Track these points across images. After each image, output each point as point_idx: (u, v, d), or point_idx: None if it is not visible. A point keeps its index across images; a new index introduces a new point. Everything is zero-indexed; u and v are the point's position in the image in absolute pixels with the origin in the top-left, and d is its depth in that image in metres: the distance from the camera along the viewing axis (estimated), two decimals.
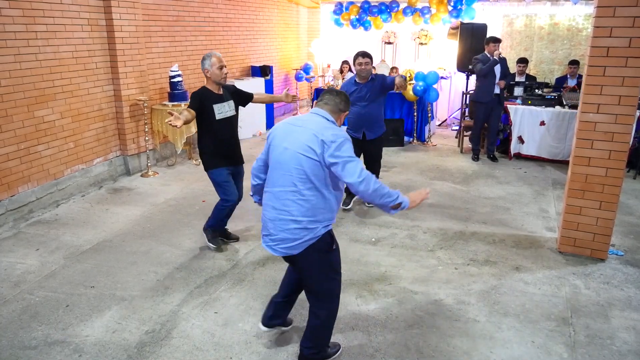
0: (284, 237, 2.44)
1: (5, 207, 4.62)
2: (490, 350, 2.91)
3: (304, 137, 2.36)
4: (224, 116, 3.85)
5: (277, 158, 2.45)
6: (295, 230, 2.41)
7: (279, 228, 2.44)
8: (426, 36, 10.11)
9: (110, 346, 2.92)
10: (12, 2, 4.55)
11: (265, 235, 2.54)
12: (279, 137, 2.48)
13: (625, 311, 3.32)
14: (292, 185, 2.39)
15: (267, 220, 2.50)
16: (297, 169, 2.36)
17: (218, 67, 3.75)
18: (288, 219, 2.41)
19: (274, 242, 2.49)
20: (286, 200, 2.41)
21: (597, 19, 3.60)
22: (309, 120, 2.46)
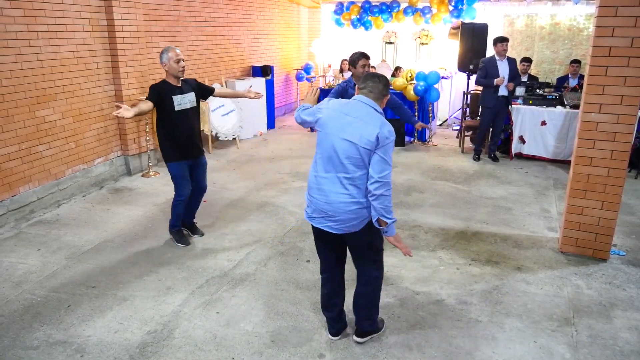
0: (347, 217, 2.60)
1: (7, 207, 4.62)
2: (493, 351, 2.91)
3: (363, 130, 2.50)
4: (183, 108, 3.97)
5: (334, 147, 2.56)
6: (357, 210, 2.59)
7: (340, 210, 2.59)
8: (427, 36, 10.11)
9: (112, 346, 2.92)
10: (14, 2, 4.55)
11: (321, 217, 2.67)
12: (333, 126, 2.58)
13: (627, 311, 3.32)
14: (351, 172, 2.55)
15: (323, 203, 2.63)
16: (356, 158, 2.52)
17: (175, 60, 3.88)
18: (350, 202, 2.57)
19: (334, 222, 2.64)
20: (347, 185, 2.57)
21: (599, 19, 3.60)
22: (360, 110, 2.56)
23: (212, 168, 6.62)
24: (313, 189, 2.69)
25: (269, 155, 7.32)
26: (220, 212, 5.03)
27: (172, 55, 3.88)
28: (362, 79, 2.68)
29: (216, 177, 6.21)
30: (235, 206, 5.21)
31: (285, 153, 7.46)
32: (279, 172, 6.44)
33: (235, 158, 7.18)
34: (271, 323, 3.16)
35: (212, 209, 5.13)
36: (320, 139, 2.66)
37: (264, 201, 5.35)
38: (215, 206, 5.20)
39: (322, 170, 2.64)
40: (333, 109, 2.64)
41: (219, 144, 7.83)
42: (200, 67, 7.58)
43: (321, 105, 2.72)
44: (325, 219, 2.67)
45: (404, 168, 6.65)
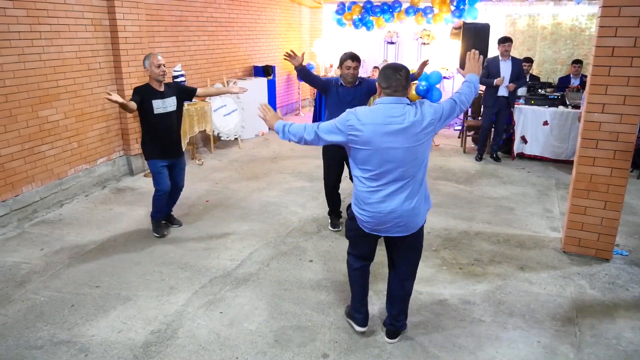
0: (413, 216, 2.60)
1: (10, 207, 4.62)
2: (496, 350, 2.91)
3: (417, 131, 2.47)
4: (163, 111, 4.17)
5: (387, 159, 2.48)
6: (421, 206, 2.63)
7: (406, 215, 2.58)
8: (429, 36, 10.10)
9: (116, 346, 2.93)
10: (17, 2, 4.55)
11: (387, 226, 2.62)
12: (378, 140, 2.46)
13: (630, 311, 3.31)
14: (411, 176, 2.54)
15: (387, 214, 2.57)
16: (414, 161, 2.51)
17: (156, 65, 4.11)
18: (414, 206, 2.59)
19: (403, 227, 2.62)
20: (410, 191, 2.56)
21: (602, 19, 3.59)
22: (401, 113, 2.47)
23: (214, 168, 6.63)
24: (372, 205, 2.59)
25: (270, 155, 7.33)
26: (223, 212, 5.03)
27: (153, 60, 4.12)
28: (381, 77, 2.51)
29: (218, 177, 6.22)
30: (237, 206, 5.21)
31: (287, 153, 7.47)
32: (280, 172, 6.44)
33: (237, 158, 7.18)
34: (275, 323, 3.16)
35: (215, 209, 5.13)
36: (368, 157, 2.50)
37: (266, 201, 5.35)
38: (217, 206, 5.20)
39: (376, 184, 2.55)
40: (371, 122, 2.46)
41: (221, 144, 7.83)
42: (202, 67, 7.59)
43: (350, 121, 2.50)
44: (392, 226, 2.62)
45: None
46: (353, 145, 2.52)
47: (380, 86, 2.54)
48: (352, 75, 4.25)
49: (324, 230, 4.57)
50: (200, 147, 7.62)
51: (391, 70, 2.51)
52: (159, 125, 4.18)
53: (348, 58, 4.23)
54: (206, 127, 7.07)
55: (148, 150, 4.31)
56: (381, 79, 2.52)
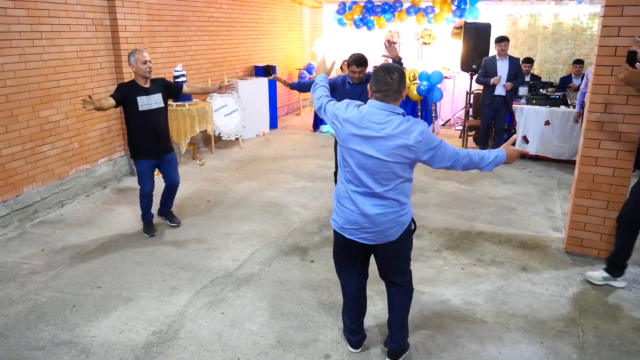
0: (385, 227, 2.45)
1: (11, 207, 4.62)
2: (499, 351, 2.90)
3: (390, 145, 2.29)
4: (148, 108, 4.13)
5: (361, 164, 2.37)
6: (396, 219, 2.45)
7: (378, 221, 2.43)
8: (430, 36, 10.09)
9: (118, 346, 2.92)
10: (17, 2, 4.54)
11: (355, 228, 2.49)
12: (355, 142, 2.35)
13: (633, 311, 3.30)
14: (384, 185, 2.38)
15: (358, 215, 2.45)
16: (387, 172, 2.35)
17: (142, 62, 4.05)
18: (389, 212, 2.42)
19: (371, 234, 2.48)
20: (383, 199, 2.41)
21: (604, 18, 3.58)
22: (380, 120, 2.31)
23: (215, 168, 6.62)
24: (344, 199, 2.50)
25: (272, 155, 7.32)
26: (224, 212, 5.02)
27: (138, 57, 4.06)
28: (372, 80, 2.35)
29: (219, 177, 6.21)
30: (238, 206, 5.20)
31: (288, 153, 7.46)
32: (282, 172, 6.43)
33: (238, 158, 7.18)
34: (276, 323, 3.15)
35: (216, 209, 5.13)
36: (344, 154, 2.44)
37: (267, 201, 5.34)
38: (218, 206, 5.20)
39: (351, 184, 2.45)
40: (351, 122, 2.37)
41: (222, 144, 7.82)
42: (203, 67, 7.58)
43: (338, 110, 2.46)
44: (359, 230, 2.49)
45: None
46: (337, 137, 2.49)
47: (371, 89, 2.38)
48: (358, 79, 4.48)
49: (325, 230, 4.56)
50: (201, 147, 7.62)
51: (383, 73, 2.32)
52: (145, 122, 4.14)
53: (353, 63, 4.36)
54: (207, 127, 7.06)
55: (134, 150, 4.27)
56: (372, 81, 2.36)
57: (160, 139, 4.29)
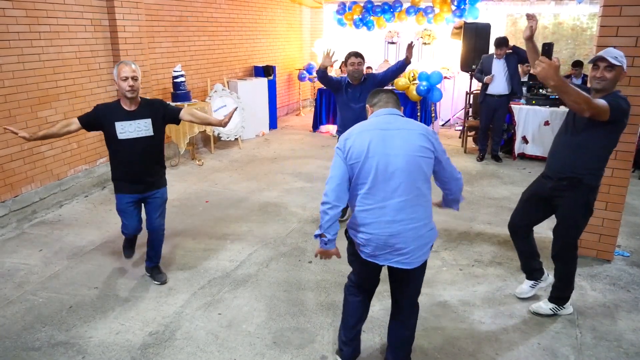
0: (418, 245, 2.32)
1: (9, 207, 4.61)
2: (496, 352, 2.89)
3: (413, 138, 2.26)
4: (128, 136, 3.26)
5: (387, 168, 2.24)
6: (427, 233, 2.36)
7: (410, 239, 2.29)
8: (429, 36, 10.08)
9: (114, 347, 2.91)
10: (16, 2, 4.54)
11: (387, 252, 2.33)
12: (374, 147, 2.25)
13: (632, 313, 3.29)
14: (416, 189, 2.28)
15: (388, 237, 2.29)
16: (418, 172, 2.26)
17: (122, 78, 3.14)
18: (419, 226, 2.31)
19: (406, 255, 2.32)
20: (414, 207, 2.29)
21: (603, 18, 3.58)
22: (393, 120, 2.31)
23: (214, 168, 6.62)
24: (370, 225, 2.31)
25: (271, 156, 7.31)
26: (223, 213, 5.02)
27: (118, 72, 3.16)
28: (369, 96, 2.44)
29: (218, 178, 6.21)
30: (237, 207, 5.20)
31: (288, 153, 7.45)
32: (281, 173, 6.42)
33: (238, 158, 7.17)
34: (273, 324, 3.15)
35: (214, 209, 5.12)
36: (362, 168, 2.27)
37: (266, 202, 5.34)
38: (217, 207, 5.19)
39: (374, 200, 2.28)
40: (362, 130, 2.30)
41: (222, 144, 7.82)
42: (202, 67, 7.58)
43: (343, 139, 2.34)
44: (391, 253, 2.33)
45: None
46: (349, 163, 2.30)
47: (370, 105, 2.42)
48: (358, 70, 4.47)
49: None
50: (200, 148, 7.62)
51: (380, 91, 2.45)
52: (125, 153, 3.31)
53: (351, 55, 4.48)
54: (206, 128, 7.06)
55: (115, 183, 3.48)
56: (370, 98, 2.44)
57: (143, 176, 3.41)
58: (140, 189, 3.43)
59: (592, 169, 2.93)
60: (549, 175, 3.11)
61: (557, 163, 3.03)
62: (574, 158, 2.93)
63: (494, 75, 6.56)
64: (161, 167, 3.53)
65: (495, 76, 6.55)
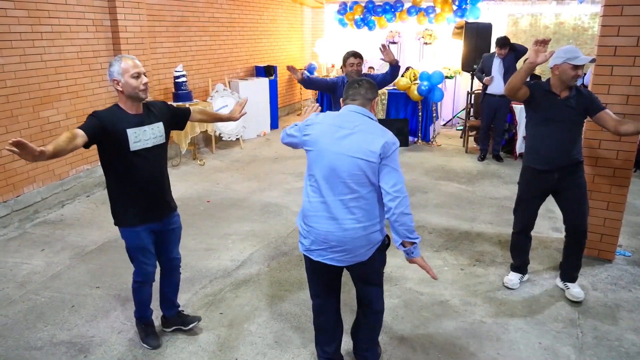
0: (355, 246, 2.29)
1: (11, 207, 4.63)
2: (497, 352, 2.89)
3: (363, 141, 2.21)
4: (144, 146, 2.60)
5: (331, 165, 2.24)
6: (367, 236, 2.30)
7: (347, 239, 2.27)
8: (431, 36, 10.07)
9: (116, 347, 2.92)
10: (18, 3, 4.56)
11: (322, 249, 2.34)
12: (327, 142, 2.26)
13: (633, 312, 3.29)
14: (354, 191, 2.24)
15: (325, 233, 2.29)
16: (359, 174, 2.21)
17: (132, 75, 2.53)
18: (358, 227, 2.27)
19: (339, 254, 2.32)
20: (351, 208, 2.25)
21: (604, 18, 3.57)
22: (354, 120, 2.28)
23: (216, 168, 6.63)
24: (310, 217, 2.34)
25: (272, 156, 7.32)
26: (224, 213, 5.03)
27: (126, 66, 2.53)
28: (344, 92, 2.40)
29: (219, 178, 6.21)
30: (238, 206, 5.21)
31: (289, 153, 7.45)
32: (282, 173, 6.43)
33: (239, 158, 7.18)
34: (274, 324, 3.15)
35: (216, 209, 5.13)
36: (313, 159, 2.32)
37: (267, 201, 5.35)
38: (218, 206, 5.20)
39: (319, 194, 2.30)
40: (324, 122, 2.33)
41: (223, 144, 7.83)
42: (203, 67, 7.59)
43: (309, 121, 2.39)
44: (327, 250, 2.33)
45: (408, 168, 6.63)
46: (305, 147, 2.36)
47: (342, 100, 2.42)
48: (357, 71, 4.42)
49: None
50: (201, 148, 7.63)
51: (350, 83, 2.40)
52: (139, 169, 2.61)
53: (351, 56, 4.44)
54: (207, 127, 7.07)
55: (120, 213, 2.72)
56: (345, 90, 2.41)
57: (162, 194, 2.78)
58: (159, 214, 2.77)
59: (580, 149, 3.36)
60: (551, 169, 3.30)
61: (562, 156, 3.26)
62: (571, 147, 3.27)
63: (494, 77, 6.55)
64: (169, 182, 2.88)
65: (496, 76, 6.54)
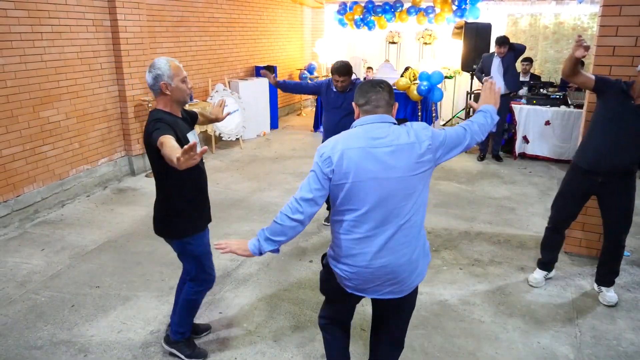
0: (410, 270, 2.03)
1: (11, 207, 4.64)
2: (496, 351, 2.90)
3: (407, 154, 1.93)
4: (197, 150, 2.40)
5: (379, 192, 1.92)
6: (419, 257, 2.06)
7: (401, 267, 2.00)
8: (430, 36, 10.09)
9: (116, 346, 2.93)
10: (18, 3, 4.57)
11: (379, 284, 2.03)
12: (367, 168, 1.91)
13: (631, 312, 3.30)
14: (408, 215, 1.97)
15: (378, 269, 1.99)
16: (412, 194, 1.96)
17: (182, 79, 2.45)
18: (410, 250, 2.02)
19: (398, 285, 2.04)
20: (407, 231, 1.98)
21: (602, 18, 3.58)
22: (388, 134, 1.94)
23: (216, 168, 6.63)
24: (355, 257, 1.99)
25: (272, 156, 7.33)
26: (224, 213, 5.03)
27: (176, 70, 2.42)
28: (357, 93, 2.04)
29: (219, 177, 6.22)
30: (238, 206, 5.22)
31: (289, 153, 7.47)
32: (282, 172, 6.44)
33: (239, 158, 7.19)
34: (274, 323, 3.16)
35: (216, 209, 5.10)
36: (351, 192, 1.93)
37: (267, 201, 5.35)
38: (218, 206, 5.20)
39: (364, 229, 1.97)
40: (350, 145, 1.93)
41: (223, 144, 7.84)
42: (203, 68, 7.60)
43: (324, 153, 1.96)
44: (382, 285, 2.03)
45: None
46: (331, 182, 1.97)
47: (358, 104, 2.03)
48: (341, 87, 4.24)
49: (324, 231, 4.57)
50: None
51: (369, 85, 2.03)
52: (195, 172, 2.57)
53: (335, 72, 4.14)
54: (207, 128, 7.08)
55: (185, 220, 2.60)
56: (358, 96, 2.03)
57: (207, 196, 2.83)
58: (210, 215, 2.80)
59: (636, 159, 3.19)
60: (596, 172, 3.22)
61: (610, 162, 3.15)
62: (625, 155, 3.13)
63: (493, 77, 6.54)
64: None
65: (495, 75, 6.54)
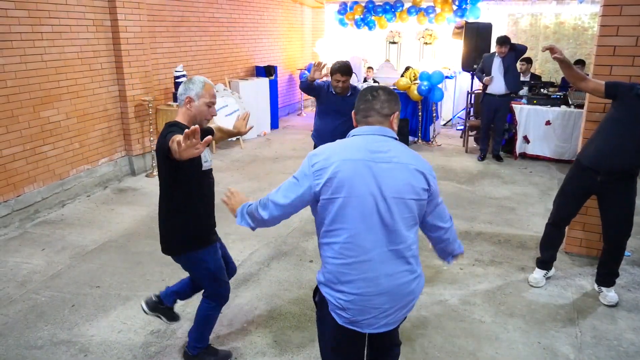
0: (405, 301, 1.87)
1: (12, 207, 4.64)
2: (496, 351, 2.90)
3: (407, 175, 1.78)
4: (209, 167, 2.60)
5: (374, 211, 1.75)
6: (416, 287, 1.89)
7: (398, 296, 1.84)
8: (431, 36, 10.09)
9: (116, 346, 2.93)
10: (18, 3, 4.57)
11: (373, 316, 1.83)
12: (361, 184, 1.74)
13: (632, 312, 3.30)
14: (402, 240, 1.80)
15: (376, 296, 1.80)
16: (407, 217, 1.80)
17: (208, 103, 2.46)
18: (412, 279, 1.86)
19: (391, 316, 1.86)
20: (408, 257, 1.83)
21: (603, 18, 3.58)
22: (384, 149, 1.79)
23: (216, 168, 6.60)
24: (352, 283, 1.80)
25: (272, 156, 7.33)
26: (224, 212, 4.99)
27: (206, 92, 2.45)
28: (359, 101, 1.88)
29: (220, 177, 6.20)
30: None
31: (289, 153, 7.47)
32: (282, 173, 6.44)
33: (239, 158, 7.19)
34: (274, 323, 3.16)
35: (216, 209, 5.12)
36: (343, 208, 1.76)
37: None
38: (218, 206, 5.18)
39: (358, 252, 1.78)
40: (346, 157, 1.76)
41: (223, 144, 7.84)
42: (204, 68, 7.60)
43: (318, 163, 1.78)
44: (378, 317, 1.83)
45: None
46: (321, 197, 1.78)
47: (356, 113, 1.90)
48: (341, 88, 4.17)
49: None
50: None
51: (367, 90, 1.89)
52: (206, 186, 2.63)
53: (337, 71, 4.06)
54: None
55: (194, 234, 2.60)
56: (357, 104, 1.89)
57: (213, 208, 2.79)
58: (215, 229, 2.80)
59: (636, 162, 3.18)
60: (596, 170, 3.22)
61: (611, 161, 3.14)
62: (628, 156, 3.12)
63: (493, 77, 6.54)
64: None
65: (496, 75, 6.53)
